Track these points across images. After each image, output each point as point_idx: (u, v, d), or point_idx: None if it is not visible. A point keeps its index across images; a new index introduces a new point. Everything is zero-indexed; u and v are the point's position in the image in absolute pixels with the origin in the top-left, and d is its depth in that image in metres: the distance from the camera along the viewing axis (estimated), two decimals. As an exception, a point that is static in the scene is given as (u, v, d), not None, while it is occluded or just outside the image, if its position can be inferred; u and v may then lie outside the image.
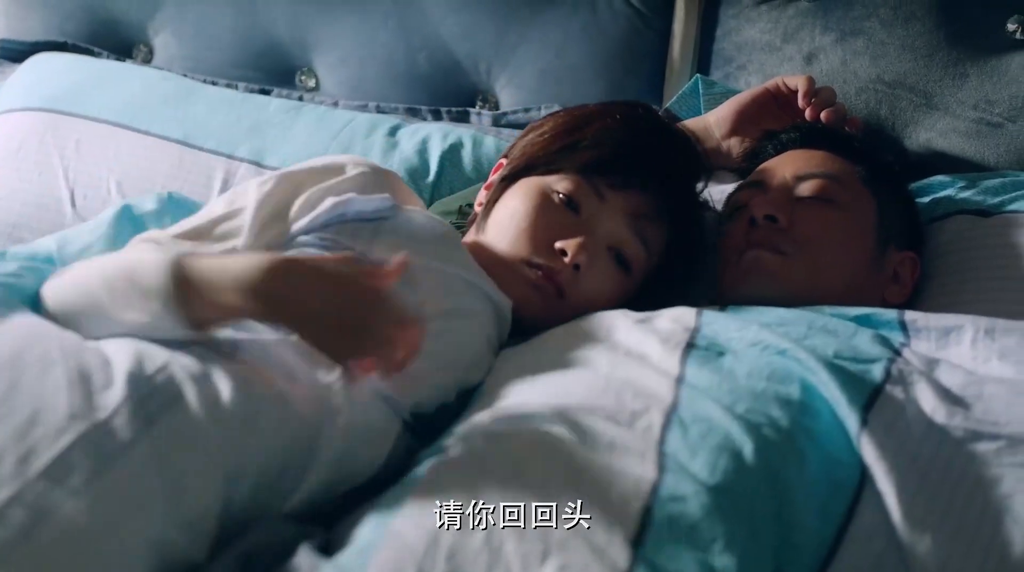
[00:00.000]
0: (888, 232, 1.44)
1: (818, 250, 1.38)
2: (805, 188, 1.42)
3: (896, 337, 1.21)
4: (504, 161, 1.42)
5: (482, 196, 1.41)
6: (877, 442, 1.03)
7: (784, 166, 1.46)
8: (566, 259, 1.28)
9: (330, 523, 1.01)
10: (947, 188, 1.57)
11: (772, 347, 1.15)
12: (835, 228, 1.39)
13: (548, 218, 1.30)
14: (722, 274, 1.42)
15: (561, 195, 1.31)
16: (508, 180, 1.36)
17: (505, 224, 1.31)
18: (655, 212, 1.34)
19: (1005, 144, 1.61)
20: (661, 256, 1.37)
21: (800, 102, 1.56)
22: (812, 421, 1.07)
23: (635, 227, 1.32)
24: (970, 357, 1.16)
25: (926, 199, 1.56)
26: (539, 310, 1.30)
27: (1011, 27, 1.65)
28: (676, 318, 1.24)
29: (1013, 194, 1.51)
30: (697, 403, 1.06)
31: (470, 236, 1.37)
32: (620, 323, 1.24)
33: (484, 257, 1.30)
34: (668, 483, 0.96)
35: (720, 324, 1.22)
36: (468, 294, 1.24)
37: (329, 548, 0.95)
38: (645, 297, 1.36)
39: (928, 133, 1.66)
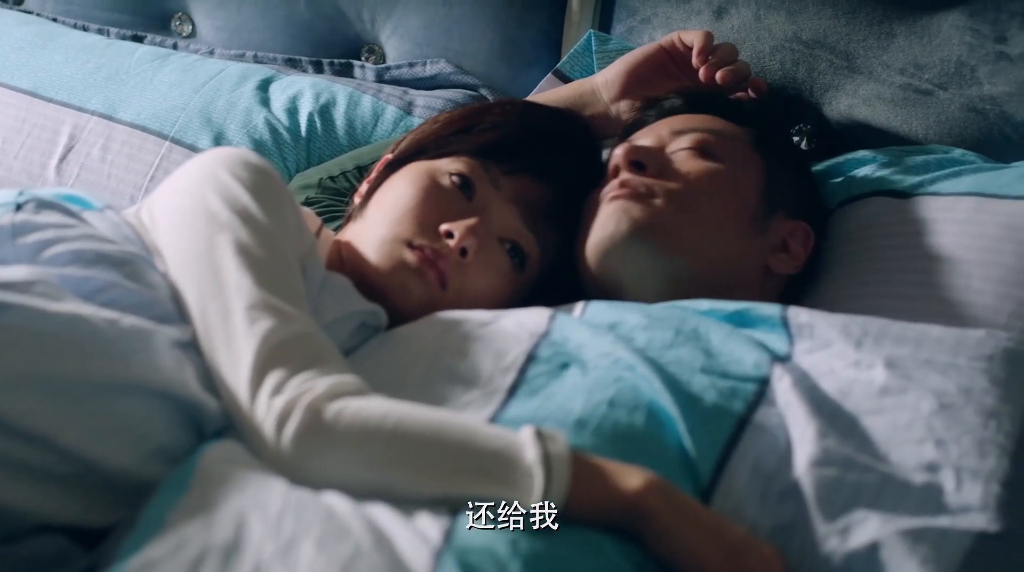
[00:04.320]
0: (776, 197, 1.30)
1: (689, 199, 1.23)
2: (682, 142, 1.28)
3: (776, 339, 1.07)
4: (390, 155, 1.32)
5: (363, 188, 1.31)
6: (733, 502, 0.93)
7: (661, 125, 1.32)
8: (451, 242, 1.17)
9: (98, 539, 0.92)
10: (866, 165, 1.42)
11: (623, 362, 1.02)
12: (710, 177, 1.25)
13: (436, 200, 1.20)
14: (580, 246, 1.26)
15: (453, 177, 1.21)
16: (394, 166, 1.27)
17: (387, 207, 1.21)
18: (551, 208, 1.25)
19: (935, 114, 1.46)
20: (556, 260, 1.27)
21: (694, 60, 1.42)
22: (655, 462, 0.93)
23: (530, 220, 1.23)
24: (854, 360, 1.02)
25: (839, 179, 1.42)
26: (417, 303, 1.17)
27: (945, -18, 1.49)
28: (523, 323, 1.10)
29: (937, 173, 1.36)
30: None
31: (346, 232, 1.27)
32: (454, 334, 1.10)
33: (356, 252, 1.20)
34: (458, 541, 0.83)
35: (571, 329, 1.08)
36: (353, 336, 1.15)
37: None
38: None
39: (850, 99, 1.52)
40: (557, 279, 1.27)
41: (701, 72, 1.41)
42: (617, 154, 1.25)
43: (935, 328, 1.05)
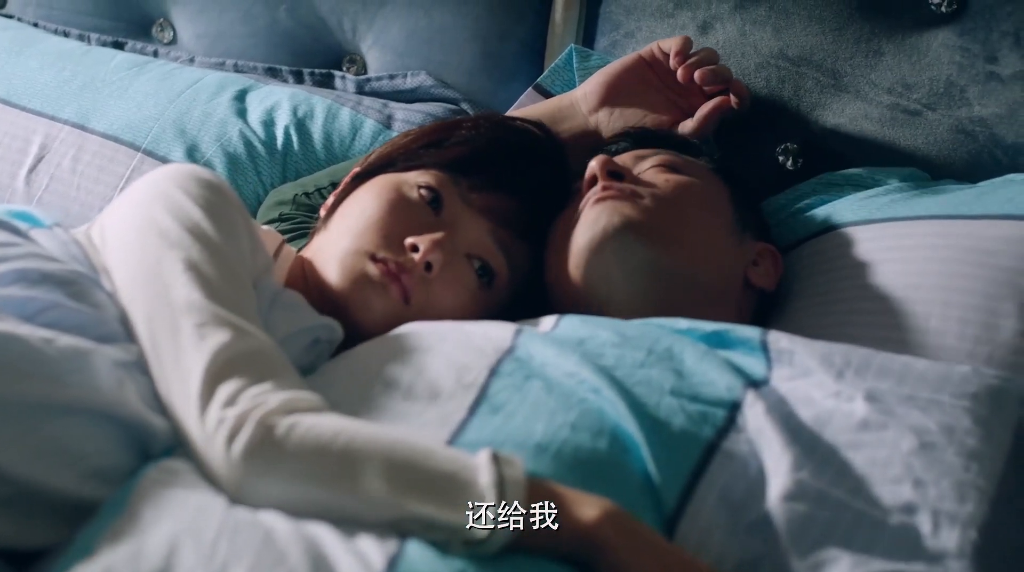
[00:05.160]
0: (745, 218, 1.28)
1: (676, 201, 1.22)
2: (647, 163, 1.27)
3: (755, 363, 1.03)
4: (358, 168, 1.29)
5: (329, 201, 1.28)
6: (699, 531, 0.89)
7: (618, 157, 1.29)
8: (416, 256, 1.13)
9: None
10: (829, 202, 1.38)
11: (588, 384, 0.98)
12: (687, 187, 1.24)
13: (403, 213, 1.18)
14: (554, 260, 1.23)
15: (422, 190, 1.19)
16: (361, 178, 1.24)
17: (352, 220, 1.18)
18: (522, 224, 1.23)
19: (923, 135, 1.42)
20: (524, 279, 1.24)
21: (672, 62, 1.39)
22: (618, 489, 0.90)
23: (498, 237, 1.20)
24: (834, 390, 0.98)
25: (802, 215, 1.38)
26: (379, 318, 1.14)
27: (935, -1, 1.45)
28: (488, 336, 1.07)
29: (896, 196, 1.32)
30: None
31: (310, 246, 1.24)
32: (415, 349, 1.06)
33: (318, 266, 1.17)
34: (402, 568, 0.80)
35: (537, 346, 1.04)
36: (307, 352, 1.12)
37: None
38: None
39: (837, 119, 1.48)
40: (525, 298, 1.25)
41: (679, 73, 1.38)
42: (593, 166, 1.22)
43: (920, 361, 1.01)
